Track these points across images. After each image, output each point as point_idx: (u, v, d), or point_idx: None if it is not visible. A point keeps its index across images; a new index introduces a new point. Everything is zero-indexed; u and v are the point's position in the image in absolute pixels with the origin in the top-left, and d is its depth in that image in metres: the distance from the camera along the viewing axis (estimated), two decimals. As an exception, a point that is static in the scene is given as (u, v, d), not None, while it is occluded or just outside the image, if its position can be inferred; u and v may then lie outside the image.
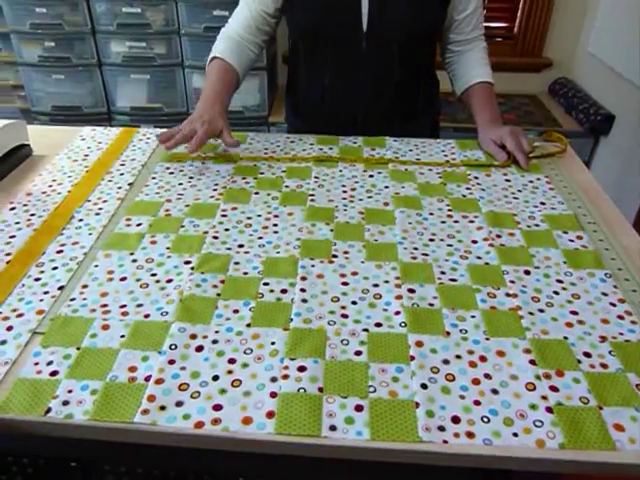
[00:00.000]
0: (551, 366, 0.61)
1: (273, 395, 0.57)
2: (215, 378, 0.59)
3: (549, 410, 0.56)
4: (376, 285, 0.73)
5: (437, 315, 0.68)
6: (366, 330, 0.65)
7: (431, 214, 0.88)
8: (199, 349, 0.62)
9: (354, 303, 0.69)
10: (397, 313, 0.68)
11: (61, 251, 0.79)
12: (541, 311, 0.68)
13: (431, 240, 0.82)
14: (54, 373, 0.60)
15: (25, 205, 0.90)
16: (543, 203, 0.91)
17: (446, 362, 0.61)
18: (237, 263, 0.76)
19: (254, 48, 1.17)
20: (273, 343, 0.63)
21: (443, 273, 0.75)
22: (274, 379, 0.59)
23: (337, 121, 1.19)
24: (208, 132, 1.01)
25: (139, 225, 0.85)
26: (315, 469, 0.65)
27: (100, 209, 0.89)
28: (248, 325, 0.66)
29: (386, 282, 0.73)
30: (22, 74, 2.29)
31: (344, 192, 0.94)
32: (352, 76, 1.14)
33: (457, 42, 1.17)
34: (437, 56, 1.22)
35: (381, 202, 0.91)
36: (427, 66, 1.21)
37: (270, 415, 0.55)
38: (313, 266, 0.76)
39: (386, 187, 0.96)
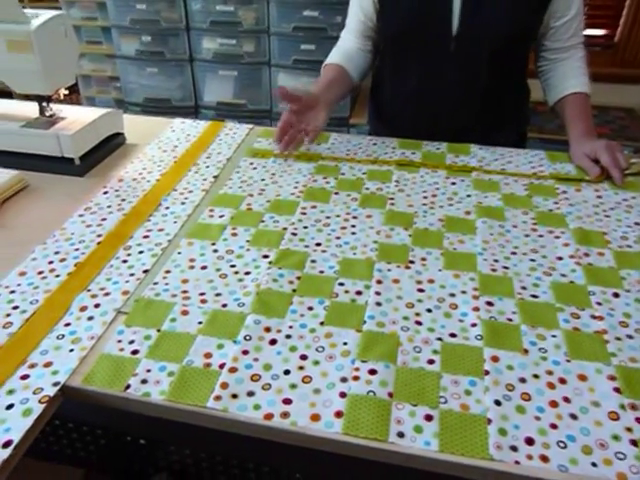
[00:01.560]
0: (638, 397, 0.57)
1: (342, 395, 0.57)
2: (286, 372, 0.60)
3: (634, 443, 0.53)
4: (453, 295, 0.71)
5: (515, 331, 0.66)
6: (440, 339, 0.64)
7: (514, 226, 0.86)
8: (272, 342, 0.64)
9: (429, 311, 0.69)
10: (473, 325, 0.66)
11: (147, 236, 0.83)
12: (629, 337, 0.65)
13: (513, 253, 0.80)
14: (135, 352, 0.63)
15: (117, 190, 0.96)
16: (638, 223, 0.86)
17: (522, 380, 0.59)
18: (314, 261, 0.77)
19: (366, 52, 1.20)
20: (345, 343, 0.64)
21: (524, 288, 0.73)
22: (344, 379, 0.59)
23: (420, 127, 1.18)
24: (292, 112, 1.03)
25: (221, 217, 0.88)
26: (369, 475, 0.65)
27: (186, 199, 0.93)
28: (322, 323, 0.66)
29: (463, 292, 0.72)
30: (119, 66, 2.43)
31: (425, 198, 0.93)
32: (438, 81, 1.13)
33: (553, 50, 1.13)
34: (529, 63, 1.18)
35: (462, 210, 0.90)
36: (518, 73, 1.18)
37: (338, 415, 0.55)
38: (389, 270, 0.75)
39: (468, 196, 0.94)
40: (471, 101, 1.14)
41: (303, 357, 0.62)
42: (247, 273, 0.75)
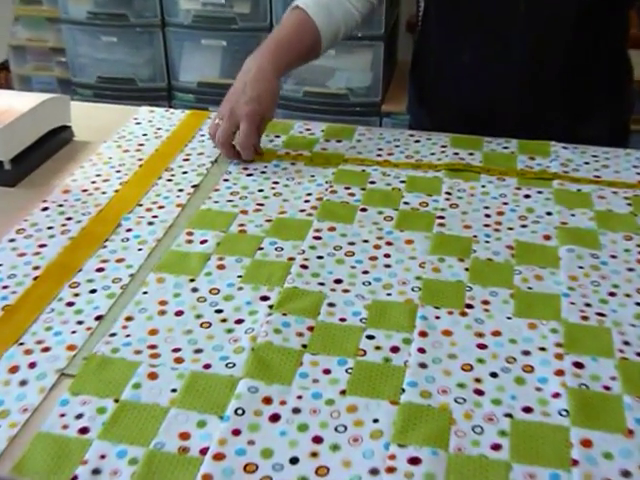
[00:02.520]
0: None
1: (372, 494, 0.57)
2: (294, 461, 0.60)
3: None
4: (527, 353, 0.71)
5: (616, 404, 0.65)
6: (509, 416, 0.64)
7: (613, 257, 0.86)
8: (274, 418, 0.64)
9: (494, 375, 0.69)
10: (556, 395, 0.66)
11: (102, 269, 0.85)
12: None
13: (611, 295, 0.80)
14: (84, 430, 0.63)
15: (61, 206, 0.97)
16: None
17: (626, 474, 0.59)
18: (332, 305, 0.78)
19: (358, 4, 1.18)
20: (376, 421, 0.64)
21: (627, 344, 0.72)
22: (375, 471, 0.59)
23: (477, 115, 1.19)
24: (229, 128, 1.05)
25: (204, 242, 0.89)
26: None
27: (155, 217, 0.95)
28: (343, 392, 0.67)
29: (542, 349, 0.72)
30: (65, 34, 2.48)
31: (487, 217, 0.94)
32: (502, 53, 1.14)
33: None
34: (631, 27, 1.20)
35: (540, 235, 0.90)
36: (613, 43, 1.19)
37: (367, 522, 0.55)
38: (438, 318, 0.76)
39: (548, 213, 0.95)
40: (548, 81, 1.15)
41: (317, 439, 0.62)
42: (239, 321, 0.76)
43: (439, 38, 1.22)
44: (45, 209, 0.97)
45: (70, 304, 0.79)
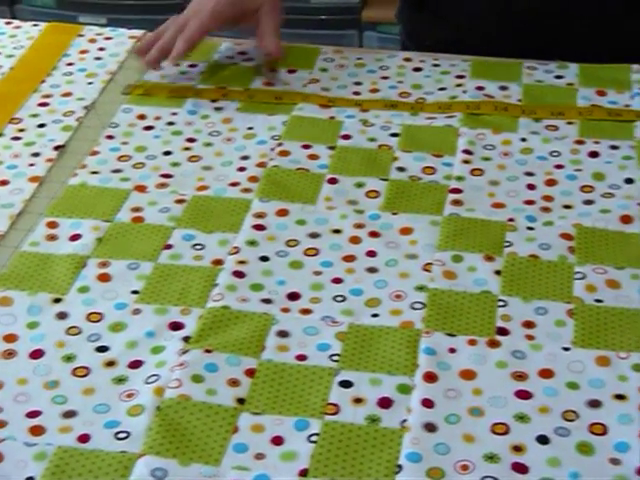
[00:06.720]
0: None
1: None
2: None
3: None
4: (596, 404, 0.72)
5: None
6: None
7: None
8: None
9: (544, 441, 0.69)
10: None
11: None
12: None
13: None
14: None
15: None
16: None
17: None
18: (285, 334, 0.79)
19: None
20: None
21: None
22: None
23: (511, 19, 1.20)
24: (207, 25, 1.09)
25: (75, 239, 0.89)
26: None
27: (-8, 199, 0.95)
28: (304, 473, 0.67)
29: (619, 398, 0.72)
30: None
31: (530, 188, 0.95)
32: None
33: None
34: None
35: (615, 216, 0.91)
36: None
37: None
38: (453, 351, 0.77)
39: (628, 181, 0.96)
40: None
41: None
42: (135, 365, 0.76)
43: None
44: None
45: None
